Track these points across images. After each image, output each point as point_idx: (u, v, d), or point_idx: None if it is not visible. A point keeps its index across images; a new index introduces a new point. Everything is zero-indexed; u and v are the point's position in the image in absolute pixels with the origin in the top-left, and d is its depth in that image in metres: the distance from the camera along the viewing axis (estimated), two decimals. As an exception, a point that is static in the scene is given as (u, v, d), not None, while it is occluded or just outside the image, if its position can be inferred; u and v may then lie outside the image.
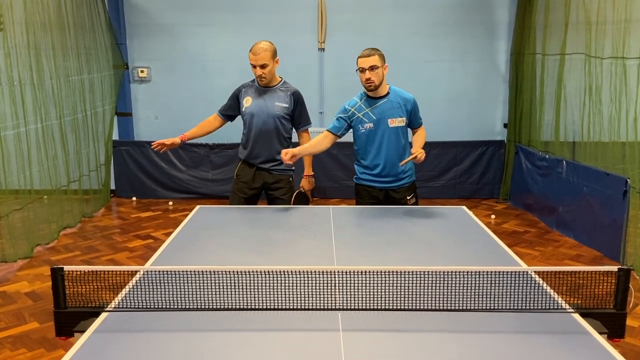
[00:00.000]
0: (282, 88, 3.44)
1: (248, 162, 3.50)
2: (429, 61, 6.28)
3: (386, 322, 1.72)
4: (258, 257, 2.34)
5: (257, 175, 3.49)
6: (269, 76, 3.34)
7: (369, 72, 3.07)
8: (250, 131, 3.44)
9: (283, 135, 3.45)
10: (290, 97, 3.42)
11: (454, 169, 6.22)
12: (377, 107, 3.18)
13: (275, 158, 3.43)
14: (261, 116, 3.39)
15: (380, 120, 3.17)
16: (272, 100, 3.40)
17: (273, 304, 1.79)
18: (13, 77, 4.16)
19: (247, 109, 3.43)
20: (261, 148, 3.44)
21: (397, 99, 3.20)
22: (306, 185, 3.56)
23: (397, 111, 3.18)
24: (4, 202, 4.28)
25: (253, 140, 3.44)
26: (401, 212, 3.11)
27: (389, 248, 2.47)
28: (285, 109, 3.41)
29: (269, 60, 3.30)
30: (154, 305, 1.78)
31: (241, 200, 3.49)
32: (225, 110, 3.57)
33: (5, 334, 3.13)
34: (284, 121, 3.42)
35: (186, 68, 6.30)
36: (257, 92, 3.44)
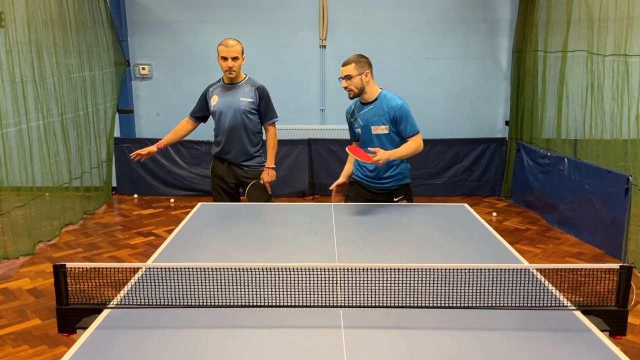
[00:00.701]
0: (247, 84, 3.51)
1: (220, 158, 3.59)
2: (430, 58, 6.27)
3: (388, 320, 1.72)
4: (260, 254, 2.34)
5: (230, 170, 3.59)
6: (238, 70, 3.42)
7: (345, 81, 3.09)
8: (219, 128, 3.53)
9: (251, 130, 3.52)
10: (255, 91, 3.49)
11: (455, 167, 6.22)
12: (365, 113, 3.19)
13: (245, 154, 3.53)
14: (228, 112, 3.46)
15: (366, 127, 3.17)
16: (237, 95, 3.47)
17: (275, 301, 1.79)
18: (15, 74, 4.16)
19: (214, 107, 3.51)
20: (231, 144, 3.51)
21: (382, 106, 3.14)
22: (265, 177, 3.57)
23: (380, 119, 3.12)
24: (6, 199, 4.28)
25: (222, 137, 3.52)
26: (403, 210, 3.11)
27: (390, 245, 2.47)
28: (250, 104, 3.47)
29: (240, 55, 3.41)
30: (156, 302, 1.78)
31: (223, 195, 3.60)
32: (195, 113, 3.65)
33: (7, 330, 3.13)
34: (250, 116, 3.48)
35: (188, 65, 6.30)
36: (223, 90, 3.52)
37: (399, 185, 3.22)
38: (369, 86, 3.14)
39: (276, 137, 3.61)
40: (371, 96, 3.17)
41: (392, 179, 3.20)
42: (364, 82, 3.11)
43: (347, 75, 3.08)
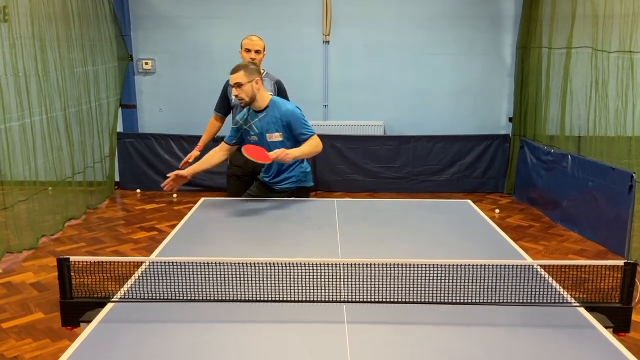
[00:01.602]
0: (266, 78, 3.65)
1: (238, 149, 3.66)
2: (433, 54, 6.25)
3: (391, 315, 1.72)
4: (263, 249, 2.34)
5: (248, 161, 3.52)
6: (259, 63, 3.62)
7: (235, 89, 3.05)
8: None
9: None
10: (273, 85, 3.69)
11: (458, 163, 6.20)
12: (259, 121, 3.16)
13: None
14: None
15: (261, 134, 3.16)
16: None
17: (278, 296, 1.79)
18: (18, 68, 4.16)
19: (234, 101, 3.61)
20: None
21: (274, 112, 3.13)
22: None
23: (273, 126, 3.12)
24: (9, 193, 4.29)
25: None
26: (406, 206, 3.11)
27: (394, 241, 2.47)
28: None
29: (262, 49, 3.67)
30: (159, 296, 1.79)
31: (237, 182, 3.68)
32: (220, 108, 3.83)
33: (11, 324, 3.15)
34: None
35: (191, 60, 6.29)
36: None
37: (296, 188, 3.25)
38: (260, 93, 3.11)
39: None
40: (262, 103, 3.14)
41: (288, 181, 3.24)
42: (254, 90, 3.08)
43: (237, 83, 3.03)
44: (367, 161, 6.15)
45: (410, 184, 6.21)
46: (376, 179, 6.20)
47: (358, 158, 6.17)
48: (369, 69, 6.30)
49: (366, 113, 6.37)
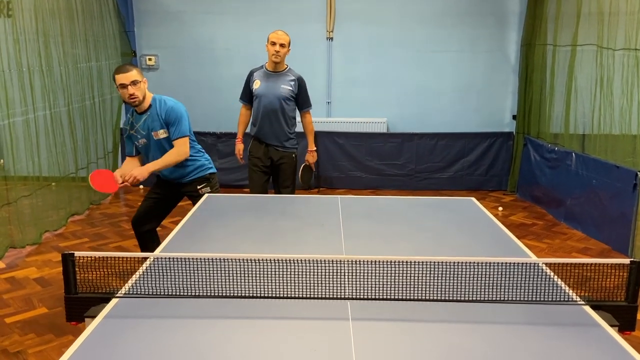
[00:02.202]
0: (289, 73, 3.93)
1: (258, 139, 3.99)
2: (437, 51, 6.23)
3: (395, 312, 1.72)
4: (266, 245, 2.34)
5: (266, 151, 3.97)
6: (283, 56, 3.84)
7: (131, 87, 3.02)
8: (258, 111, 3.91)
9: (288, 115, 3.92)
10: (295, 81, 3.91)
11: (461, 161, 6.19)
12: (144, 122, 3.18)
13: (281, 135, 3.93)
14: (268, 97, 3.86)
15: (148, 135, 3.19)
16: (279, 83, 3.88)
17: (281, 292, 1.79)
18: (22, 64, 4.16)
19: (256, 91, 3.90)
20: (268, 126, 3.91)
21: (156, 110, 3.16)
22: (310, 159, 4.15)
23: (158, 123, 3.15)
24: (13, 188, 4.30)
25: (261, 119, 3.91)
26: (410, 204, 3.10)
27: (397, 238, 2.46)
28: (290, 92, 3.88)
29: (287, 44, 3.86)
30: (163, 292, 1.79)
31: (259, 174, 3.98)
32: (245, 97, 4.05)
33: (14, 319, 3.15)
34: (288, 102, 3.89)
35: (194, 56, 6.28)
36: (266, 76, 3.92)
37: (201, 176, 3.37)
38: (146, 93, 3.15)
39: (312, 124, 4.08)
40: (147, 104, 3.16)
41: (192, 174, 3.35)
42: (145, 89, 3.12)
43: (133, 81, 3.01)
44: (370, 158, 6.15)
45: (413, 182, 6.20)
46: (379, 176, 6.19)
47: (361, 155, 6.16)
48: (372, 66, 6.29)
49: (369, 110, 6.36)
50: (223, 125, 6.25)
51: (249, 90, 3.96)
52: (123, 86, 3.03)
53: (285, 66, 3.94)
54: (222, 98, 6.33)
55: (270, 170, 4.02)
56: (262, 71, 3.94)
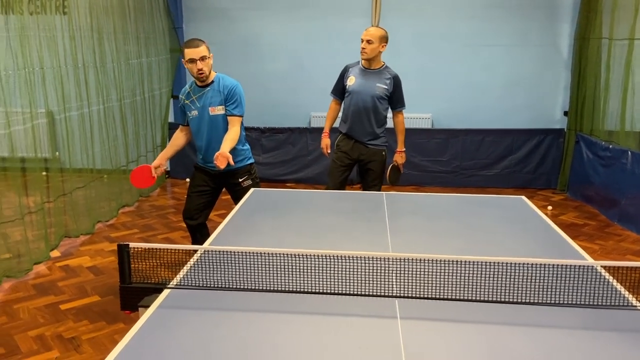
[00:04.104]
0: (385, 71, 3.79)
1: (348, 135, 3.88)
2: (485, 45, 6.07)
3: (445, 312, 1.69)
4: (312, 240, 2.35)
5: (355, 147, 3.87)
6: (370, 53, 3.68)
7: (200, 62, 3.12)
8: (350, 107, 3.81)
9: (380, 114, 3.80)
10: (391, 80, 3.76)
11: (509, 158, 6.02)
12: (202, 95, 3.28)
13: (371, 133, 3.82)
14: (362, 94, 3.74)
15: (203, 108, 3.27)
16: (374, 81, 3.75)
17: (327, 289, 1.79)
18: (77, 60, 4.32)
19: (350, 87, 3.79)
20: (359, 124, 3.80)
21: (218, 86, 3.26)
22: (399, 159, 4.02)
23: (217, 99, 3.24)
24: (68, 180, 4.48)
25: (352, 116, 3.81)
26: (457, 201, 3.04)
27: (444, 236, 2.42)
28: (385, 90, 3.75)
29: (376, 40, 3.66)
30: (212, 284, 1.82)
31: (340, 170, 3.89)
32: (336, 91, 3.94)
33: (69, 305, 3.29)
34: (382, 101, 3.77)
35: (239, 52, 6.36)
36: (361, 73, 3.79)
37: (241, 167, 3.39)
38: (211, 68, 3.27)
39: (404, 123, 3.96)
40: (210, 78, 3.27)
41: (237, 162, 3.32)
42: (211, 65, 3.24)
43: (202, 57, 3.13)
44: (414, 154, 6.06)
45: (458, 179, 6.08)
46: (423, 172, 6.11)
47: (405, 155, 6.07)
48: (418, 60, 6.19)
49: (414, 105, 6.23)
50: (267, 120, 6.31)
51: (342, 86, 3.85)
52: (192, 61, 3.13)
53: (382, 63, 3.80)
54: (266, 93, 6.39)
55: (352, 166, 3.93)
56: (358, 67, 3.81)
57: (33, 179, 4.02)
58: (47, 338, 2.90)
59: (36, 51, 3.76)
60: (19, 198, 3.73)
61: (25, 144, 3.89)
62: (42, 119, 4.14)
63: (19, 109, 3.75)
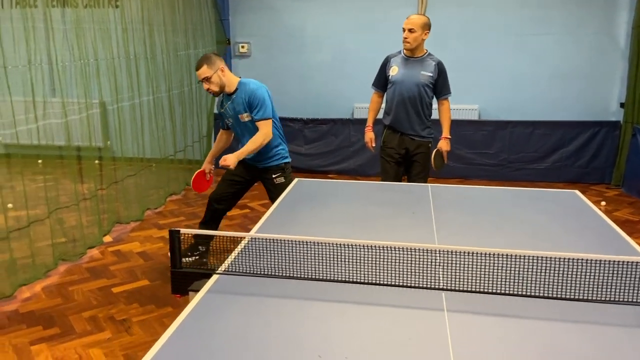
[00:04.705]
0: (428, 58, 3.68)
1: (393, 128, 3.80)
2: (536, 34, 5.86)
3: (495, 306, 1.65)
4: (356, 231, 2.34)
5: (401, 140, 3.79)
6: (412, 42, 3.58)
7: (205, 83, 3.23)
8: (393, 98, 3.72)
9: (425, 102, 3.70)
10: (435, 67, 3.65)
11: (560, 151, 5.81)
12: (231, 104, 3.35)
13: (418, 124, 3.73)
14: (406, 84, 3.65)
15: (235, 117, 3.36)
16: (418, 69, 3.65)
17: (373, 279, 1.79)
18: (129, 52, 4.45)
19: (392, 77, 3.70)
20: (404, 114, 3.71)
21: (242, 94, 3.29)
22: (444, 146, 3.82)
23: (242, 107, 3.29)
24: (120, 168, 4.65)
25: (396, 107, 3.72)
26: (505, 194, 2.96)
27: (493, 230, 2.37)
28: (429, 78, 3.64)
29: (418, 28, 3.56)
30: (259, 271, 1.85)
31: (393, 166, 3.82)
32: (378, 83, 3.86)
33: (121, 288, 3.42)
34: (427, 89, 3.67)
35: (284, 43, 6.39)
36: (404, 62, 3.70)
37: (275, 165, 3.45)
38: (227, 78, 3.27)
39: (450, 111, 3.79)
40: (232, 87, 3.30)
41: (270, 160, 3.43)
42: (221, 78, 3.24)
43: (205, 78, 3.20)
44: (459, 147, 5.94)
45: (505, 172, 5.93)
46: (469, 165, 5.98)
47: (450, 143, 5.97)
48: (465, 50, 6.05)
49: (461, 96, 6.11)
50: (310, 111, 6.33)
51: (384, 77, 3.77)
52: (200, 81, 3.29)
53: (425, 51, 3.69)
54: (309, 84, 6.41)
55: (403, 160, 3.84)
56: (399, 57, 3.72)
57: (87, 167, 4.19)
58: (100, 319, 3.02)
59: (91, 43, 3.90)
60: (74, 185, 3.89)
61: (80, 133, 4.05)
62: (95, 109, 4.30)
63: (75, 99, 3.90)
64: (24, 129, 3.36)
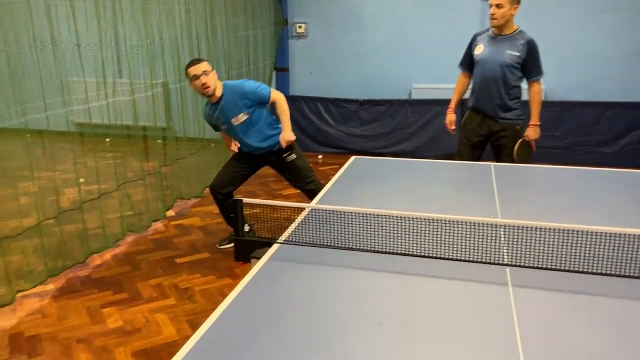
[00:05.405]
0: (518, 37, 3.42)
1: (476, 110, 3.61)
2: (609, 10, 5.51)
3: (562, 284, 1.60)
4: (416, 207, 2.32)
5: (484, 123, 3.58)
6: (500, 19, 3.36)
7: (203, 77, 3.20)
8: (477, 79, 3.55)
9: (510, 84, 3.45)
10: (524, 46, 3.39)
11: (632, 134, 5.48)
12: (220, 111, 3.36)
13: (501, 106, 3.49)
14: (490, 64, 3.45)
15: (228, 122, 3.38)
16: (504, 48, 3.42)
17: (436, 253, 1.76)
18: (192, 32, 4.56)
19: (477, 57, 3.52)
20: (487, 96, 3.51)
21: (231, 97, 3.31)
22: (531, 135, 3.53)
23: (237, 109, 3.32)
24: (182, 147, 4.80)
25: (479, 88, 3.54)
26: (572, 174, 2.84)
27: (561, 210, 2.28)
28: (516, 58, 3.39)
29: (506, 3, 3.32)
30: (318, 242, 1.87)
31: (469, 149, 3.64)
32: (465, 63, 3.68)
33: (183, 260, 3.56)
34: (513, 70, 3.42)
35: (341, 23, 6.35)
36: (490, 40, 3.49)
37: (277, 148, 3.50)
38: (216, 79, 3.30)
39: (541, 94, 3.52)
40: (219, 93, 3.31)
41: (275, 145, 3.49)
42: (215, 78, 3.29)
43: (205, 72, 3.21)
44: (522, 129, 5.74)
45: (572, 155, 5.66)
46: (531, 148, 5.75)
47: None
48: (531, 28, 5.71)
49: (524, 77, 5.89)
50: (367, 92, 6.28)
51: (470, 56, 3.59)
52: (196, 78, 3.23)
53: (516, 28, 3.44)
54: (366, 65, 6.34)
55: (483, 145, 3.64)
56: (487, 35, 3.52)
57: (152, 145, 4.37)
58: (165, 287, 3.17)
59: (156, 23, 4.02)
60: (141, 163, 4.07)
61: (146, 113, 4.21)
62: (159, 89, 4.45)
63: (142, 79, 4.05)
64: (95, 105, 3.52)
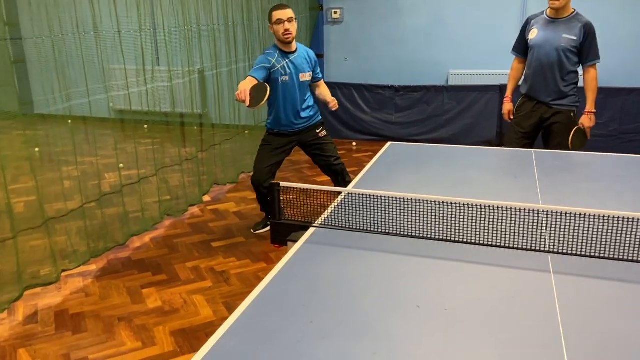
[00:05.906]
0: (574, 19, 3.30)
1: (529, 96, 3.52)
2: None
3: (604, 271, 1.55)
4: (454, 192, 2.28)
5: (537, 109, 3.49)
6: (563, 0, 3.23)
7: (287, 22, 3.23)
8: (531, 64, 3.45)
9: (566, 69, 3.35)
10: (580, 29, 3.27)
11: (681, 121, 5.24)
12: (293, 61, 3.36)
13: (556, 92, 3.40)
14: (545, 48, 3.34)
15: (294, 74, 3.37)
16: (560, 32, 3.31)
17: (475, 239, 1.73)
18: (228, 18, 4.58)
19: (531, 41, 3.41)
20: (541, 82, 3.42)
21: (304, 54, 3.42)
22: (586, 122, 3.42)
23: (307, 66, 3.42)
24: (218, 134, 4.86)
25: (533, 74, 3.44)
26: (617, 161, 2.74)
27: (602, 197, 2.20)
28: (572, 42, 3.28)
29: None
30: (353, 226, 1.86)
31: (518, 136, 3.56)
32: (519, 48, 3.59)
33: (219, 244, 3.62)
34: (569, 54, 3.31)
35: (378, 8, 6.26)
36: (545, 24, 3.38)
37: (319, 120, 3.64)
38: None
39: (596, 80, 3.40)
40: (294, 46, 3.36)
41: (315, 117, 3.61)
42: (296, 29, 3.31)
43: (290, 18, 3.24)
44: (563, 116, 5.56)
45: (616, 144, 5.45)
46: (573, 136, 5.57)
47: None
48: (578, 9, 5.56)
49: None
50: (402, 78, 6.19)
51: (524, 41, 3.48)
52: (280, 22, 3.22)
53: (572, 10, 3.32)
54: (403, 51, 6.25)
55: (535, 132, 3.54)
56: (541, 18, 3.40)
57: (189, 131, 4.43)
58: (202, 270, 3.23)
59: (194, 9, 4.06)
60: (178, 149, 4.14)
61: (183, 100, 4.27)
62: (196, 74, 4.50)
63: (179, 65, 4.11)
64: (135, 91, 3.59)
